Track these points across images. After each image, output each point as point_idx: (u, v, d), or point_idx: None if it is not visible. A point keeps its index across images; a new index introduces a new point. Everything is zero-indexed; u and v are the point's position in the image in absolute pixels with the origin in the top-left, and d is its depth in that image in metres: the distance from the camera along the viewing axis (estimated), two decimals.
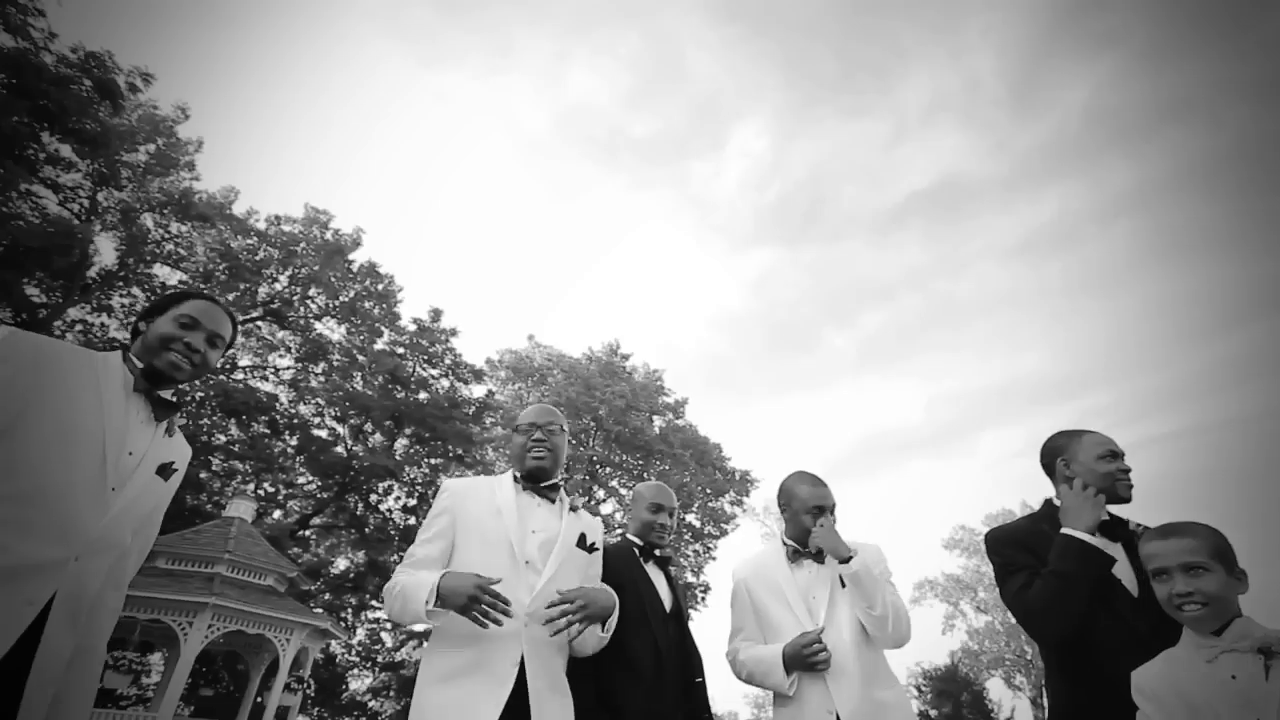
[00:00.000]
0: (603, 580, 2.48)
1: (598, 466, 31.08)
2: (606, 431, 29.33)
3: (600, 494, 31.33)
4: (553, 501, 2.17)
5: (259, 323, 22.62)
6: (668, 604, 2.52)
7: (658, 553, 2.62)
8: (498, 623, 1.73)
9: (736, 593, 2.59)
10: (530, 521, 2.07)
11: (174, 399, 1.83)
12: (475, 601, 1.73)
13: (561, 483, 2.29)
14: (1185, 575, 1.59)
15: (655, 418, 31.09)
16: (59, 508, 1.52)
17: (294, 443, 22.43)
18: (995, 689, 34.44)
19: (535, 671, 1.83)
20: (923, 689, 31.84)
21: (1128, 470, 2.09)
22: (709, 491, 30.38)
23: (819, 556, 2.44)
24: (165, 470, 1.77)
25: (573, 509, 2.21)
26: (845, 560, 2.30)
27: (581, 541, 2.15)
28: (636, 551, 2.60)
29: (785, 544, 2.53)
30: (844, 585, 2.33)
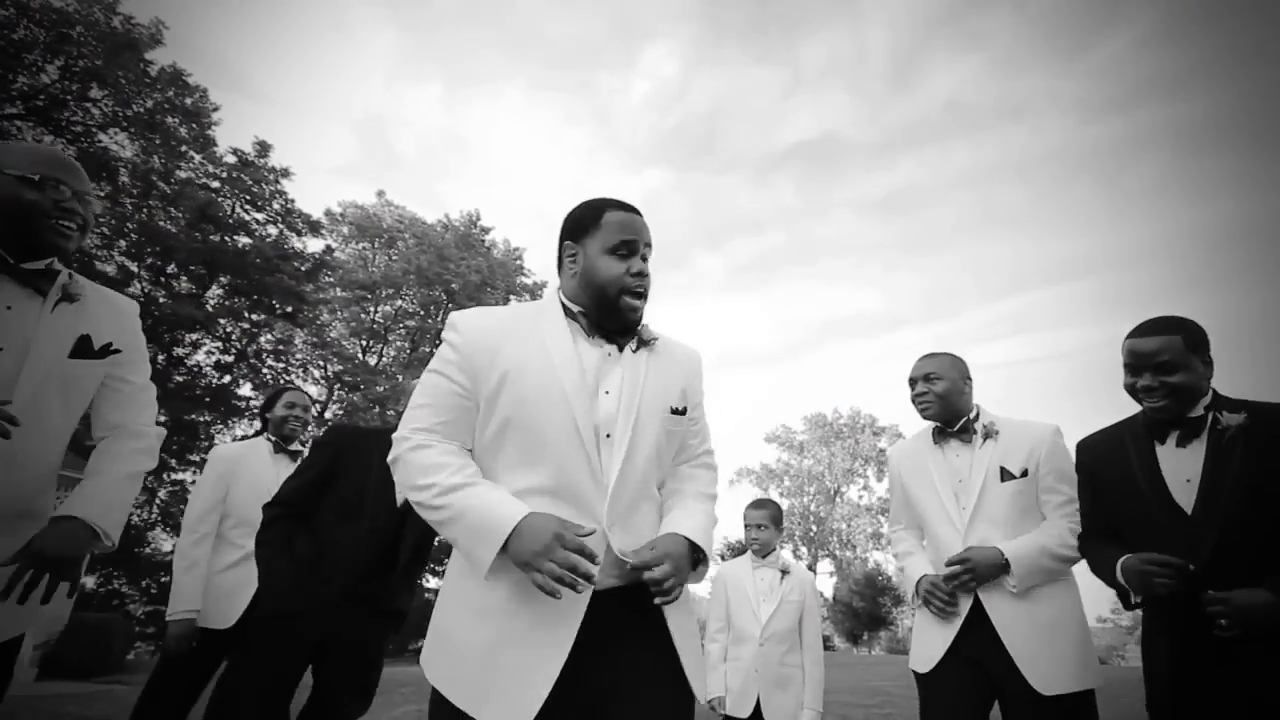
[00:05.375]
0: (341, 461, 2.51)
1: None
2: (458, 305, 28.11)
3: None
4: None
5: (18, 122, 17.97)
6: (400, 499, 2.57)
7: None
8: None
9: (889, 476, 2.47)
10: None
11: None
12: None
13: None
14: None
15: (512, 297, 30.24)
16: None
17: None
18: (784, 556, 40.37)
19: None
20: (725, 556, 36.43)
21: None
22: None
23: (964, 435, 2.20)
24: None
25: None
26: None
27: (674, 401, 1.43)
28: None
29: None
30: (1004, 479, 2.09)
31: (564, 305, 1.43)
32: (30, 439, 1.40)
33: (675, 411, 1.43)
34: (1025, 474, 2.10)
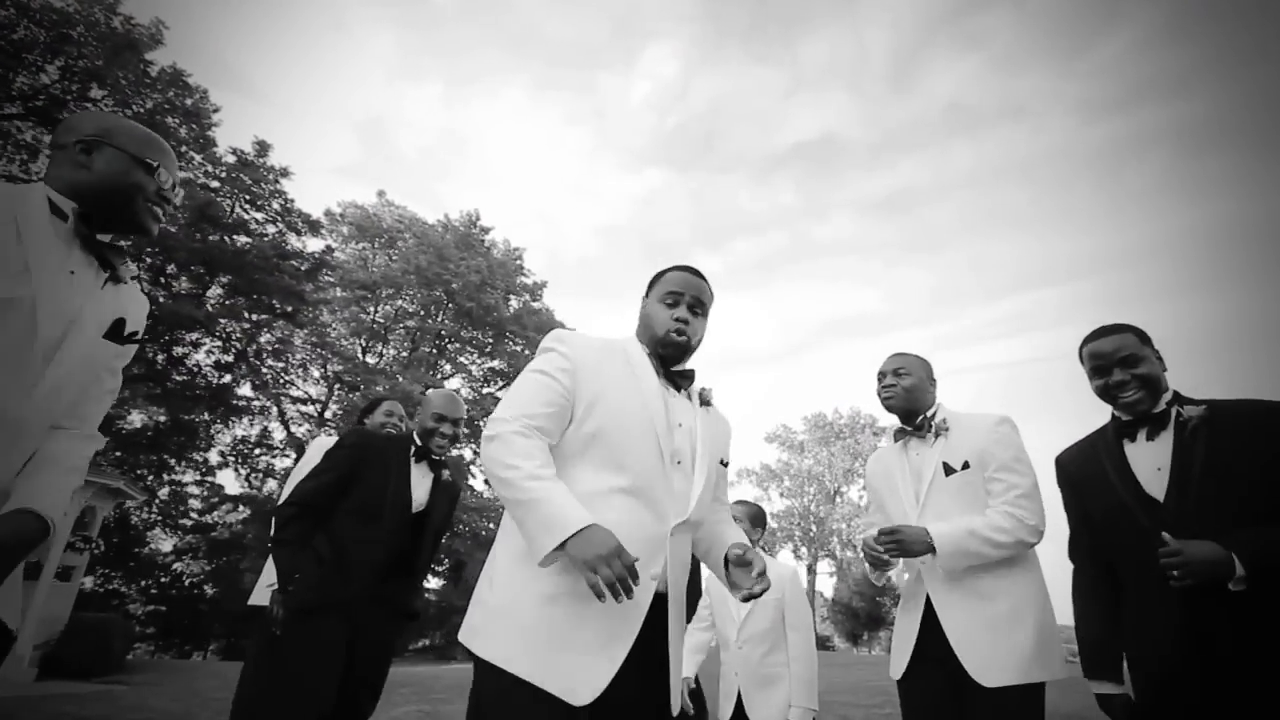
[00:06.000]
0: (364, 464, 2.60)
1: (446, 341, 30.00)
2: (458, 306, 28.11)
3: (447, 368, 30.51)
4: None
5: (18, 122, 17.97)
6: (417, 506, 2.66)
7: (434, 457, 2.72)
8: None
9: (866, 485, 2.50)
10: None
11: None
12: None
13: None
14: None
15: (512, 297, 30.24)
16: None
17: None
18: (783, 556, 40.48)
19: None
20: None
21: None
22: None
23: (921, 432, 2.23)
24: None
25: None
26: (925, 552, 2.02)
27: (722, 454, 1.77)
28: (412, 449, 2.70)
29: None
30: (947, 473, 2.13)
31: (639, 343, 1.70)
32: (42, 413, 1.33)
33: (722, 463, 1.74)
34: (966, 466, 2.12)
